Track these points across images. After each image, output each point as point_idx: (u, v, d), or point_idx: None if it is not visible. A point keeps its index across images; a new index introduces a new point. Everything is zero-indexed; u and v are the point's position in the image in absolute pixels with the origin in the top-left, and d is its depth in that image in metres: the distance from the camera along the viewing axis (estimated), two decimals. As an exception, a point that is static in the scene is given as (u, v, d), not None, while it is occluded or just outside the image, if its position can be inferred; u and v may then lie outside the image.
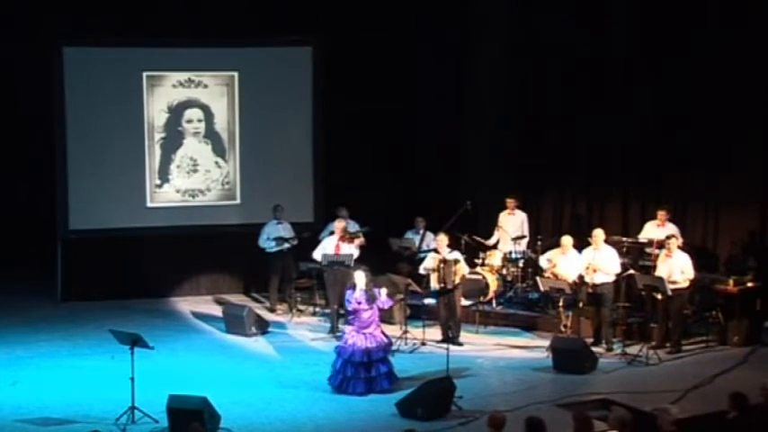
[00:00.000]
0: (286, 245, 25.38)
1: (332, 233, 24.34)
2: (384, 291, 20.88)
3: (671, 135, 23.93)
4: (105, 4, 25.67)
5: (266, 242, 25.49)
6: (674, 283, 22.10)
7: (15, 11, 25.55)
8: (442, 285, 23.06)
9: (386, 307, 20.94)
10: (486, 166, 26.81)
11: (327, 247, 23.96)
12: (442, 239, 23.28)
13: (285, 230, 25.46)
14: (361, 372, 19.75)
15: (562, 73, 25.78)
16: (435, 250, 23.45)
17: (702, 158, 23.71)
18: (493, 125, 26.90)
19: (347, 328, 20.30)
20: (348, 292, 20.42)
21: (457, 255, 23.27)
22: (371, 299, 20.00)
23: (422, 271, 23.56)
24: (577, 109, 25.45)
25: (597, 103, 25.03)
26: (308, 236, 25.26)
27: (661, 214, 23.41)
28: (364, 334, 19.88)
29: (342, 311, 23.38)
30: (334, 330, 23.28)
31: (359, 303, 20.00)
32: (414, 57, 27.97)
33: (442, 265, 23.03)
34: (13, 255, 26.24)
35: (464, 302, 23.69)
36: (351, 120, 27.17)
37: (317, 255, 24.13)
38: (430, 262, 23.30)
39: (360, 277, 20.42)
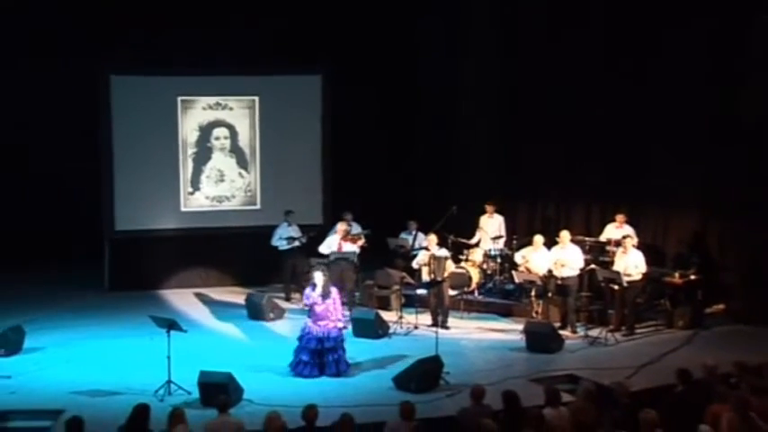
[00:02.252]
0: (296, 243, 25.43)
1: (336, 232, 24.31)
2: (335, 289, 20.76)
3: (628, 148, 23.87)
4: (146, 39, 25.63)
5: (278, 241, 25.56)
6: (628, 276, 22.24)
7: (71, 43, 25.55)
8: (432, 278, 23.11)
9: (338, 302, 20.63)
10: (468, 177, 26.78)
11: (331, 245, 24.05)
12: (433, 239, 23.36)
13: (294, 231, 25.50)
14: (314, 357, 19.76)
15: (535, 95, 25.69)
16: (426, 248, 23.46)
17: (654, 170, 23.69)
18: (476, 144, 26.91)
19: (307, 320, 20.19)
20: (307, 289, 20.39)
21: (445, 252, 23.36)
22: (326, 295, 19.97)
23: (415, 266, 23.69)
24: (546, 128, 25.30)
25: (565, 122, 24.93)
26: (314, 235, 25.21)
27: (619, 217, 23.54)
28: (318, 325, 19.86)
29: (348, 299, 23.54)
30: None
31: (315, 300, 19.99)
32: (410, 85, 27.83)
33: (432, 261, 23.08)
34: (67, 252, 26.19)
35: (451, 292, 23.62)
36: (354, 137, 27.22)
37: (323, 249, 24.24)
38: (422, 258, 23.41)
39: (318, 277, 20.35)
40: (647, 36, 23.72)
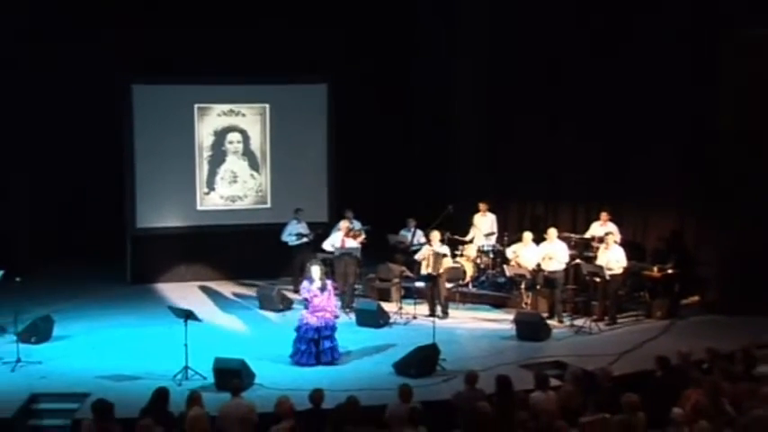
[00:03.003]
0: (304, 239, 25.39)
1: (339, 230, 24.33)
2: (329, 282, 20.87)
3: (612, 152, 23.88)
4: (166, 52, 25.63)
5: (288, 237, 25.50)
6: (610, 270, 22.33)
7: (97, 56, 25.56)
8: (430, 272, 23.07)
9: (332, 294, 20.68)
10: (463, 177, 26.79)
11: (335, 241, 24.07)
12: (436, 235, 23.44)
13: (303, 228, 25.43)
14: (312, 346, 19.74)
15: (525, 101, 25.69)
16: (429, 243, 23.50)
17: (635, 172, 23.70)
18: (469, 147, 26.91)
19: (303, 312, 20.24)
20: (305, 282, 20.43)
21: (445, 249, 23.40)
22: (323, 288, 20.01)
23: (417, 257, 23.60)
24: (534, 134, 25.33)
25: (554, 126, 24.98)
26: (321, 232, 25.21)
27: (603, 215, 23.57)
28: (316, 316, 19.85)
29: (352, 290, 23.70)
30: (344, 306, 23.15)
31: (311, 292, 20.02)
32: (407, 91, 27.84)
33: (432, 256, 23.07)
34: (93, 248, 26.20)
35: (447, 285, 23.57)
36: (357, 141, 27.21)
37: (327, 245, 24.36)
38: (424, 252, 23.39)
39: (315, 271, 20.41)
40: (629, 42, 23.70)
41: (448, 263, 23.45)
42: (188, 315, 19.45)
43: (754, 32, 22.06)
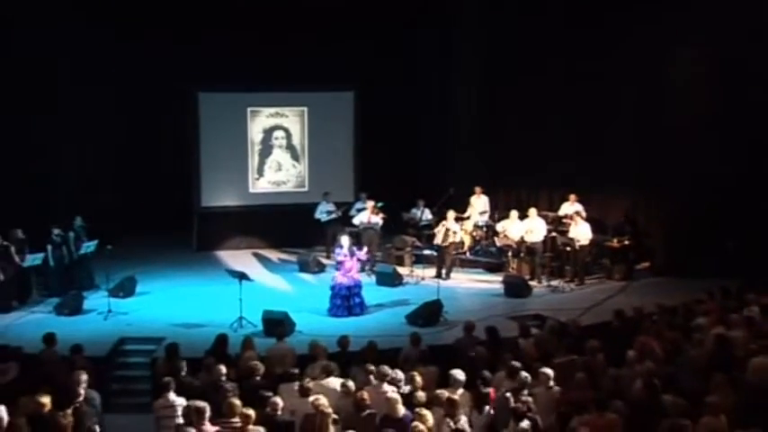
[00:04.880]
0: (333, 216, 25.40)
1: (363, 209, 24.46)
2: (364, 250, 21.26)
3: (581, 148, 23.84)
4: (225, 66, 25.68)
5: (320, 214, 25.53)
6: (578, 241, 22.45)
7: (171, 67, 25.65)
8: (440, 243, 23.29)
9: (363, 258, 21.06)
10: (462, 166, 26.74)
11: (363, 218, 24.16)
12: (452, 214, 23.53)
13: (331, 207, 25.46)
14: (344, 302, 19.97)
15: (509, 109, 25.66)
16: (441, 220, 23.73)
17: (599, 163, 23.67)
18: (468, 141, 26.83)
19: (336, 273, 20.40)
20: (337, 249, 20.62)
21: (456, 227, 23.46)
22: (351, 254, 20.14)
23: (436, 231, 23.59)
24: (518, 133, 25.31)
25: (534, 125, 24.93)
26: (345, 210, 25.28)
27: (572, 197, 23.52)
28: (347, 276, 20.06)
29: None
30: (365, 269, 23.03)
31: (344, 256, 20.16)
32: (416, 94, 27.85)
33: (443, 230, 23.21)
34: (167, 223, 26.24)
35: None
36: (376, 137, 27.12)
37: (356, 220, 24.49)
38: (439, 226, 23.49)
39: (345, 239, 20.62)
40: (596, 56, 23.67)
41: (456, 237, 23.49)
42: (242, 276, 19.71)
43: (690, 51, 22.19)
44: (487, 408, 12.86)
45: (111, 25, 25.03)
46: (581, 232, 22.52)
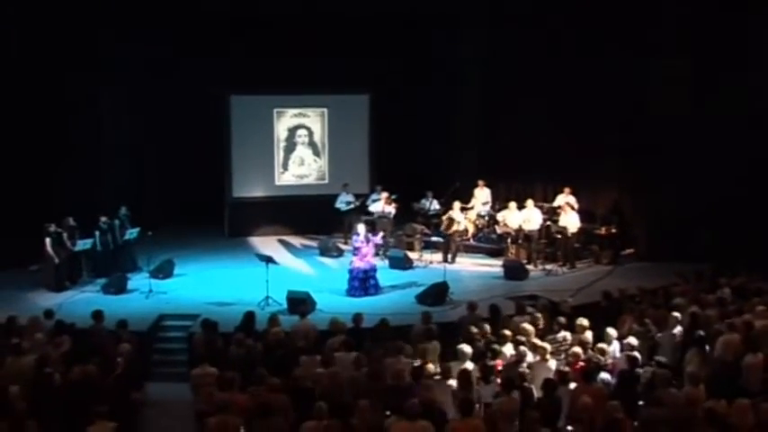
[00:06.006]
0: (351, 206, 25.37)
1: (378, 199, 24.50)
2: (380, 235, 21.54)
3: (573, 146, 23.63)
4: (253, 72, 25.74)
5: (339, 204, 25.51)
6: (569, 229, 22.45)
7: (206, 73, 25.70)
8: (444, 231, 23.41)
9: (379, 242, 21.30)
10: (467, 161, 26.67)
11: (378, 207, 24.23)
12: (457, 205, 23.55)
13: (350, 197, 25.45)
14: (361, 284, 20.00)
15: (509, 109, 25.56)
16: (448, 210, 23.73)
17: (589, 159, 23.52)
18: (472, 140, 26.77)
19: (354, 258, 20.41)
20: (354, 236, 20.79)
21: (461, 216, 23.51)
22: (367, 240, 20.22)
23: (444, 218, 23.71)
24: (520, 129, 25.13)
25: (529, 127, 24.82)
26: (363, 200, 25.31)
27: (566, 190, 23.36)
28: (363, 260, 20.10)
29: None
30: (379, 253, 23.02)
31: (361, 242, 20.23)
32: (425, 98, 27.84)
33: (447, 220, 23.35)
34: (202, 211, 26.25)
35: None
36: (390, 135, 27.10)
37: (372, 208, 24.54)
38: (445, 216, 23.56)
39: (361, 228, 20.80)
40: (587, 57, 23.54)
41: (460, 226, 23.52)
42: (268, 260, 19.77)
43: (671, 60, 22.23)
44: (494, 379, 12.94)
45: (156, 38, 25.13)
46: (570, 221, 22.49)
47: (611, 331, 14.41)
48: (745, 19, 21.67)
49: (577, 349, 13.68)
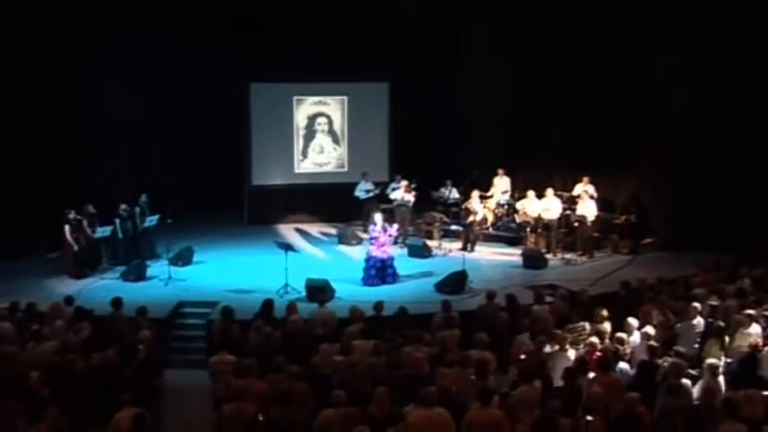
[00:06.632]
0: (371, 194, 25.38)
1: (398, 188, 24.51)
2: (395, 226, 21.43)
3: (594, 136, 23.50)
4: (273, 60, 25.74)
5: (359, 192, 25.51)
6: (587, 218, 22.49)
7: (226, 60, 25.70)
8: (465, 220, 23.47)
9: (394, 234, 21.11)
10: (488, 151, 26.60)
11: (398, 195, 24.25)
12: (475, 194, 23.73)
13: (369, 185, 25.46)
14: (378, 273, 20.01)
15: (528, 102, 25.45)
16: (465, 200, 23.93)
17: (610, 150, 23.39)
18: (491, 126, 26.71)
19: (371, 247, 20.38)
20: (371, 226, 20.72)
21: (479, 206, 23.68)
22: (384, 230, 20.22)
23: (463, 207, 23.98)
24: (540, 118, 25.05)
25: (549, 118, 24.74)
26: (382, 189, 25.31)
27: (585, 179, 23.32)
28: (380, 250, 20.09)
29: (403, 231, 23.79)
30: (397, 242, 23.13)
31: (378, 232, 20.23)
32: (444, 86, 27.82)
33: (466, 209, 23.57)
34: (221, 200, 26.32)
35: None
36: (410, 123, 27.17)
37: (392, 196, 24.55)
38: (464, 205, 23.81)
39: (377, 217, 20.82)
40: (606, 54, 23.48)
41: (479, 215, 23.63)
42: (288, 247, 19.88)
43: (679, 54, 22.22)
44: (511, 368, 12.96)
45: (178, 27, 25.30)
46: (587, 210, 22.54)
47: (633, 321, 14.41)
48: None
49: (594, 339, 13.72)
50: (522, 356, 13.45)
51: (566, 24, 24.19)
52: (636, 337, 14.06)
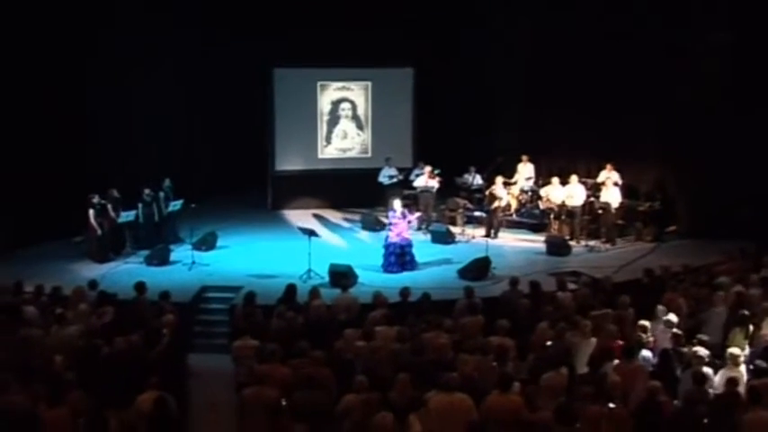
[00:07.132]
0: (394, 180, 25.30)
1: (421, 174, 24.40)
2: (416, 214, 21.58)
3: (618, 124, 23.43)
4: (297, 46, 25.67)
5: (382, 178, 25.41)
6: (611, 205, 22.46)
7: (249, 45, 25.58)
8: (487, 206, 23.48)
9: (413, 221, 21.23)
10: (510, 136, 26.56)
11: (421, 182, 24.15)
12: (499, 180, 23.72)
13: (393, 171, 25.37)
14: (398, 259, 19.98)
15: (551, 91, 25.34)
16: (489, 186, 24.03)
17: (634, 137, 23.34)
18: (515, 113, 26.67)
19: (390, 233, 20.36)
20: (390, 212, 20.68)
21: (503, 192, 23.62)
22: (403, 216, 20.21)
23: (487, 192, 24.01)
24: (564, 104, 24.95)
25: (574, 101, 24.63)
26: (405, 175, 25.28)
27: (608, 166, 23.15)
28: (399, 236, 20.07)
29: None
30: (421, 228, 23.33)
31: (397, 218, 20.19)
32: (470, 74, 27.76)
33: (489, 195, 23.58)
34: (244, 184, 26.51)
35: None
36: (434, 109, 27.16)
37: (416, 183, 24.42)
38: (488, 191, 23.83)
39: (396, 204, 20.72)
40: (629, 44, 23.39)
41: (503, 202, 23.58)
42: (311, 233, 19.92)
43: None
44: (531, 355, 12.97)
45: (202, 12, 25.43)
46: (612, 196, 22.46)
47: (662, 308, 14.40)
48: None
49: (616, 327, 13.72)
50: (549, 343, 13.46)
51: (592, 12, 24.10)
52: (660, 325, 14.05)
